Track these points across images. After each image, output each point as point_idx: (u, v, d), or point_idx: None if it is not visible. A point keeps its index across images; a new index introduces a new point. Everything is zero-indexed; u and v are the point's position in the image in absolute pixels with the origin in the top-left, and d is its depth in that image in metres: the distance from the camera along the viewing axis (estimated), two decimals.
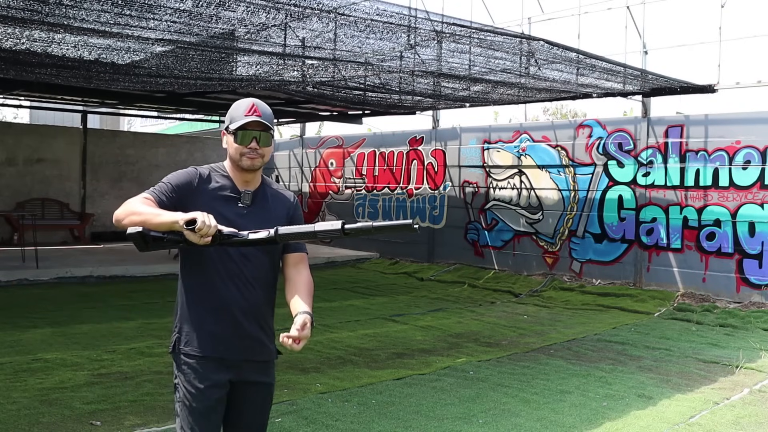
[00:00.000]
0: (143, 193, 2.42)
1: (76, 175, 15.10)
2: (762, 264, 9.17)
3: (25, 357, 5.86)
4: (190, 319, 2.49)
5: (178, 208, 2.36)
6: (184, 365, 2.48)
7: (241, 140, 2.47)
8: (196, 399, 2.45)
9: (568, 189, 11.35)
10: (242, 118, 2.47)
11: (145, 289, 9.82)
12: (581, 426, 4.58)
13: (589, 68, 8.51)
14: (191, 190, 2.47)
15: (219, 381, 2.47)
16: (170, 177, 2.51)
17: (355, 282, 11.31)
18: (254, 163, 2.49)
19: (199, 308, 2.48)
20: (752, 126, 9.33)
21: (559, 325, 8.14)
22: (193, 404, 2.45)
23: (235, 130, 2.47)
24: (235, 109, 2.52)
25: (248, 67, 8.56)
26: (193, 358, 2.47)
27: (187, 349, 2.48)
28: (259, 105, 2.51)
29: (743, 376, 5.99)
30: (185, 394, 2.47)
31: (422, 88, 10.15)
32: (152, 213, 2.27)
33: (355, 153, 15.18)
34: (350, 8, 6.47)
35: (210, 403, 2.46)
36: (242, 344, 2.49)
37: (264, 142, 2.50)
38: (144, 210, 2.29)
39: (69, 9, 6.03)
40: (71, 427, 4.29)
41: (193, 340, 2.47)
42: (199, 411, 2.45)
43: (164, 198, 2.42)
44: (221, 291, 2.46)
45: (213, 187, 2.51)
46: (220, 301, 2.46)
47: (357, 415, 4.66)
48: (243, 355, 2.50)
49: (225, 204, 2.49)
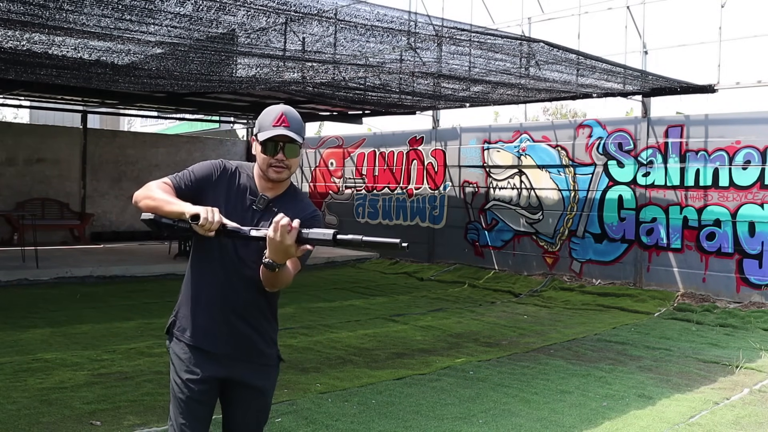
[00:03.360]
0: (165, 178, 2.47)
1: (76, 175, 15.10)
2: (762, 264, 9.18)
3: (25, 357, 5.86)
4: (186, 306, 2.55)
5: (196, 197, 2.43)
6: (174, 353, 2.56)
7: (269, 151, 2.45)
8: (181, 389, 2.49)
9: (568, 189, 11.36)
10: (270, 129, 2.43)
11: (145, 289, 9.82)
12: (581, 426, 4.58)
13: (589, 69, 8.52)
14: (210, 183, 2.50)
15: (206, 375, 2.48)
16: (195, 166, 2.56)
17: (355, 282, 11.31)
18: (281, 176, 2.48)
19: (195, 297, 2.53)
20: (752, 126, 9.34)
21: (559, 325, 8.14)
22: (178, 394, 2.50)
23: (262, 141, 2.45)
24: (265, 117, 2.48)
25: (248, 69, 8.57)
26: (181, 344, 2.53)
27: (179, 333, 2.55)
28: (288, 114, 2.45)
29: (743, 376, 5.99)
30: (173, 381, 2.54)
31: (422, 88, 10.16)
32: (165, 200, 2.33)
33: (355, 153, 15.19)
34: (351, 15, 6.48)
35: (193, 395, 2.47)
36: (231, 341, 2.49)
37: (291, 153, 2.46)
38: (159, 196, 2.35)
39: (69, 14, 6.04)
40: (71, 427, 4.29)
41: (186, 327, 2.53)
42: (183, 401, 2.48)
43: (183, 185, 2.46)
44: (217, 285, 2.49)
45: (234, 183, 2.53)
46: (214, 295, 2.49)
47: (357, 415, 4.66)
48: (231, 351, 2.49)
49: (239, 202, 2.50)
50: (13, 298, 8.78)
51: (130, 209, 15.94)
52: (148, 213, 2.34)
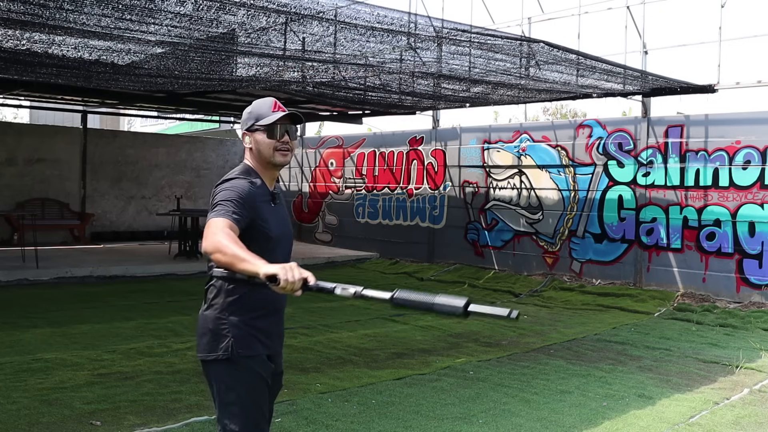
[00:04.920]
0: (221, 218, 2.36)
1: (76, 175, 15.10)
2: (762, 264, 9.18)
3: (25, 357, 5.86)
4: (247, 315, 2.52)
5: (250, 224, 2.44)
6: (241, 366, 2.51)
7: (276, 135, 2.54)
8: (259, 406, 2.55)
9: (568, 189, 11.36)
10: (271, 114, 2.55)
11: (145, 289, 9.82)
12: (581, 426, 4.58)
13: (589, 69, 8.52)
14: (254, 207, 2.48)
15: (268, 376, 2.60)
16: (235, 194, 2.45)
17: (355, 282, 11.22)
18: (286, 158, 2.59)
19: (253, 304, 2.53)
20: (752, 126, 9.34)
21: (559, 325, 8.14)
22: (257, 411, 2.55)
23: (266, 126, 2.54)
24: (259, 108, 2.59)
25: (248, 69, 8.57)
26: (249, 358, 2.52)
27: (242, 351, 2.49)
28: (279, 101, 2.63)
29: (743, 376, 5.99)
30: (250, 400, 2.51)
31: (422, 89, 10.16)
32: (237, 257, 2.22)
33: (355, 153, 15.19)
34: (351, 16, 6.48)
35: (266, 409, 2.60)
36: (281, 336, 2.70)
37: (293, 136, 2.62)
38: (230, 251, 2.24)
39: (70, 13, 6.04)
40: (71, 427, 4.29)
41: (251, 341, 2.52)
42: (261, 418, 2.56)
43: (242, 224, 2.41)
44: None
45: (259, 194, 2.54)
46: (272, 299, 2.56)
47: (357, 415, 4.66)
48: (280, 347, 2.69)
49: (268, 210, 2.57)
50: (13, 298, 8.79)
51: (130, 209, 15.96)
52: (220, 270, 2.34)
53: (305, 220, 16.45)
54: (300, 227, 16.38)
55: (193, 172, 16.93)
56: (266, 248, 2.46)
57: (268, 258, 2.29)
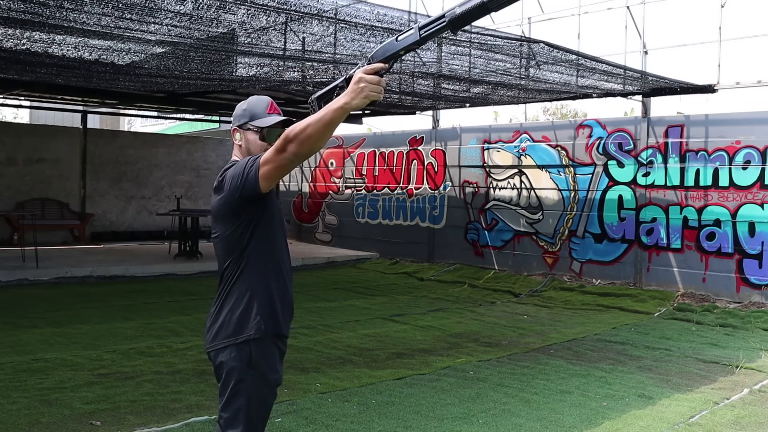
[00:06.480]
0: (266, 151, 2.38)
1: (76, 175, 15.10)
2: (762, 264, 9.18)
3: (25, 357, 5.86)
4: (262, 295, 2.50)
5: (266, 196, 2.42)
6: (258, 356, 2.47)
7: (271, 138, 2.51)
8: (267, 395, 2.52)
9: (568, 189, 11.36)
10: (268, 116, 2.54)
11: (145, 289, 9.81)
12: (581, 426, 4.58)
13: (589, 70, 8.52)
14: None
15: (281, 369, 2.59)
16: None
17: (355, 282, 11.31)
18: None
19: (271, 288, 2.53)
20: (752, 126, 9.34)
21: (559, 325, 8.14)
22: (267, 399, 2.52)
23: (262, 128, 2.53)
24: (254, 106, 2.56)
25: (248, 69, 8.57)
26: (264, 344, 2.48)
27: (257, 334, 2.47)
28: (274, 102, 2.63)
29: (743, 376, 5.99)
30: (260, 388, 2.48)
31: (422, 89, 10.15)
32: (317, 116, 2.21)
33: (355, 153, 15.19)
34: (351, 15, 6.48)
35: (273, 398, 2.57)
36: (292, 307, 2.66)
37: None
38: (308, 120, 2.22)
39: (70, 12, 6.04)
40: (71, 427, 4.29)
41: (267, 319, 2.49)
42: (267, 408, 2.53)
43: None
44: (284, 254, 2.61)
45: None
46: (284, 262, 2.59)
47: (357, 415, 4.66)
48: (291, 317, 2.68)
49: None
50: (13, 298, 8.78)
51: (130, 209, 15.96)
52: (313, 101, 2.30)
53: (305, 220, 16.44)
54: (300, 227, 16.38)
55: (193, 172, 16.93)
56: (271, 223, 2.53)
57: (271, 233, 2.48)
